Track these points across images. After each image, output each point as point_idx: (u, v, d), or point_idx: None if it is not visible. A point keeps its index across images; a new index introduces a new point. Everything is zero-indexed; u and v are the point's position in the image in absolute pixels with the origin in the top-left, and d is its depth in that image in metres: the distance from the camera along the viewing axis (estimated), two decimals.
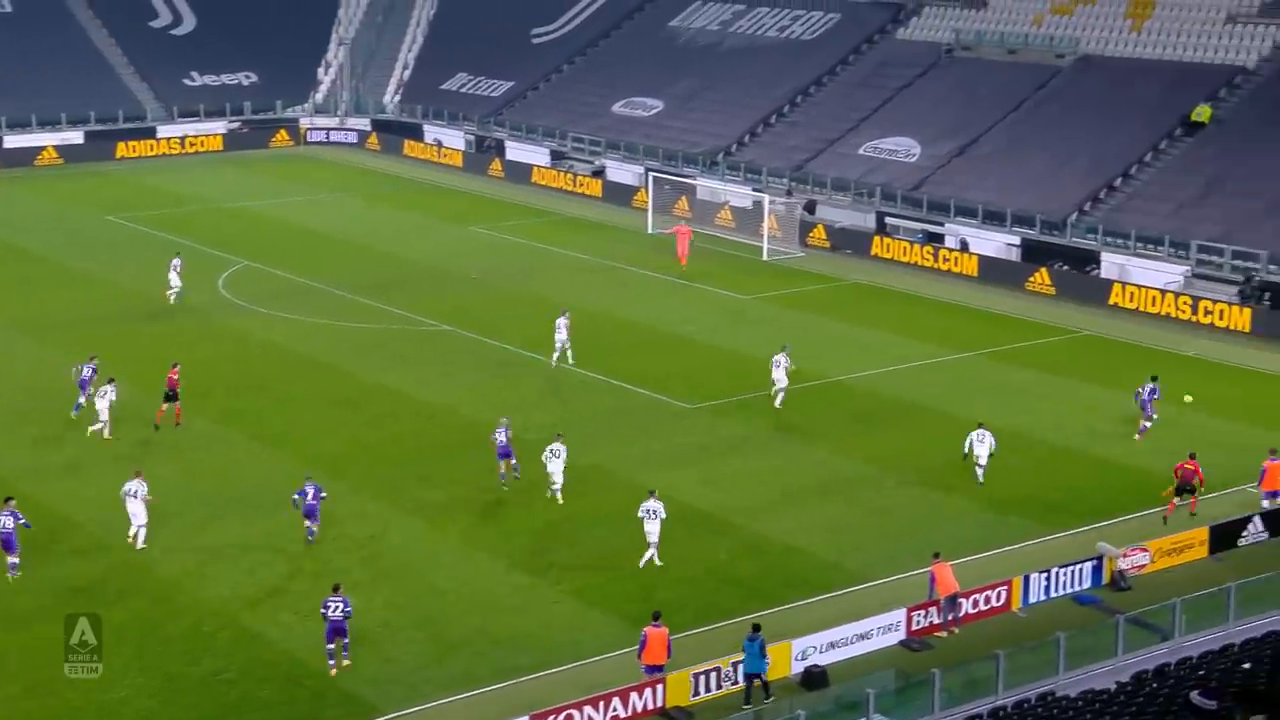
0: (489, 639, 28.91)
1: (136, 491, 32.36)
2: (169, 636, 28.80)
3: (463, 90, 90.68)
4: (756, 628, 27.16)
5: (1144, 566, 31.70)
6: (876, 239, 63.23)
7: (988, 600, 30.04)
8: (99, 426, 38.51)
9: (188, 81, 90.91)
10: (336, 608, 27.52)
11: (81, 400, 39.74)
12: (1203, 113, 63.45)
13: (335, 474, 36.45)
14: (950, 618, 29.42)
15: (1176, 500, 34.43)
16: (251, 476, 36.70)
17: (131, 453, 37.75)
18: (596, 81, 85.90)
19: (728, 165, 73.12)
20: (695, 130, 77.07)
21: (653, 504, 31.97)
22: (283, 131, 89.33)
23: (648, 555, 31.83)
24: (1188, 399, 42.36)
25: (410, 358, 46.91)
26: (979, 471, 36.95)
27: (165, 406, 39.68)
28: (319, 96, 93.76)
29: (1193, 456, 35.09)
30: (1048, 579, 30.65)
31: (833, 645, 28.10)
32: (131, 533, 32.50)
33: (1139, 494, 36.19)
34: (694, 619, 29.44)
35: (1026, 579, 30.45)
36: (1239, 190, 58.85)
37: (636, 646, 26.92)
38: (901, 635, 28.93)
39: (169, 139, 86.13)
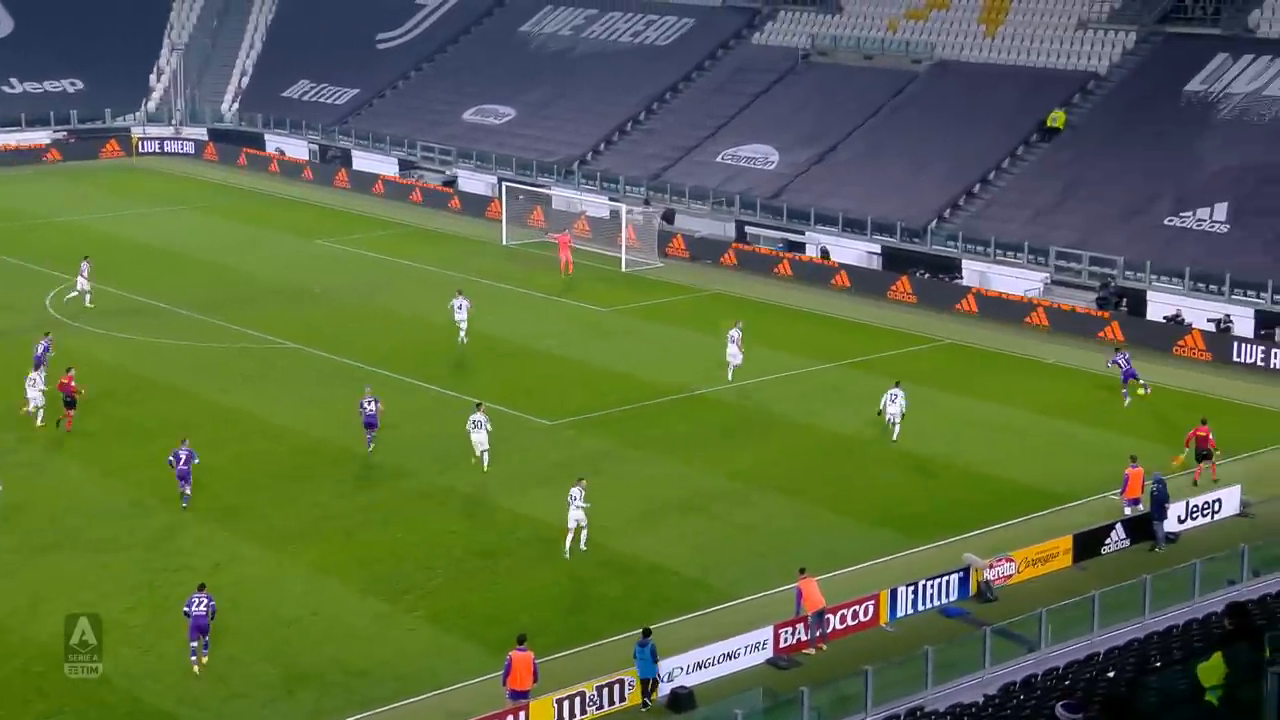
0: (343, 669, 28.58)
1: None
2: None
3: (305, 98, 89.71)
4: (647, 632, 27.48)
5: (1010, 577, 32.43)
6: (735, 247, 63.90)
7: (855, 615, 30.44)
8: None
9: (6, 89, 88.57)
10: (201, 603, 28.33)
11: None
12: (1058, 118, 65.32)
13: (176, 499, 35.73)
14: (818, 634, 29.76)
15: (1201, 467, 37.40)
16: (84, 505, 35.80)
17: None
18: (446, 89, 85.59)
19: (583, 174, 73.37)
20: (549, 138, 77.18)
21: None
22: (113, 141, 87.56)
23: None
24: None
25: (254, 377, 46.35)
26: (895, 430, 40.56)
27: (69, 413, 40.70)
28: (151, 105, 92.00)
29: (1204, 422, 38.03)
30: (915, 592, 31.14)
31: (699, 665, 28.26)
32: None
33: (1006, 504, 37.03)
34: (558, 642, 29.43)
35: (894, 593, 30.92)
36: (1094, 195, 60.67)
37: (500, 672, 26.83)
38: (769, 653, 29.17)
39: None
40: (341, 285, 58.36)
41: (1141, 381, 44.98)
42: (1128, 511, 35.51)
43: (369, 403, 39.83)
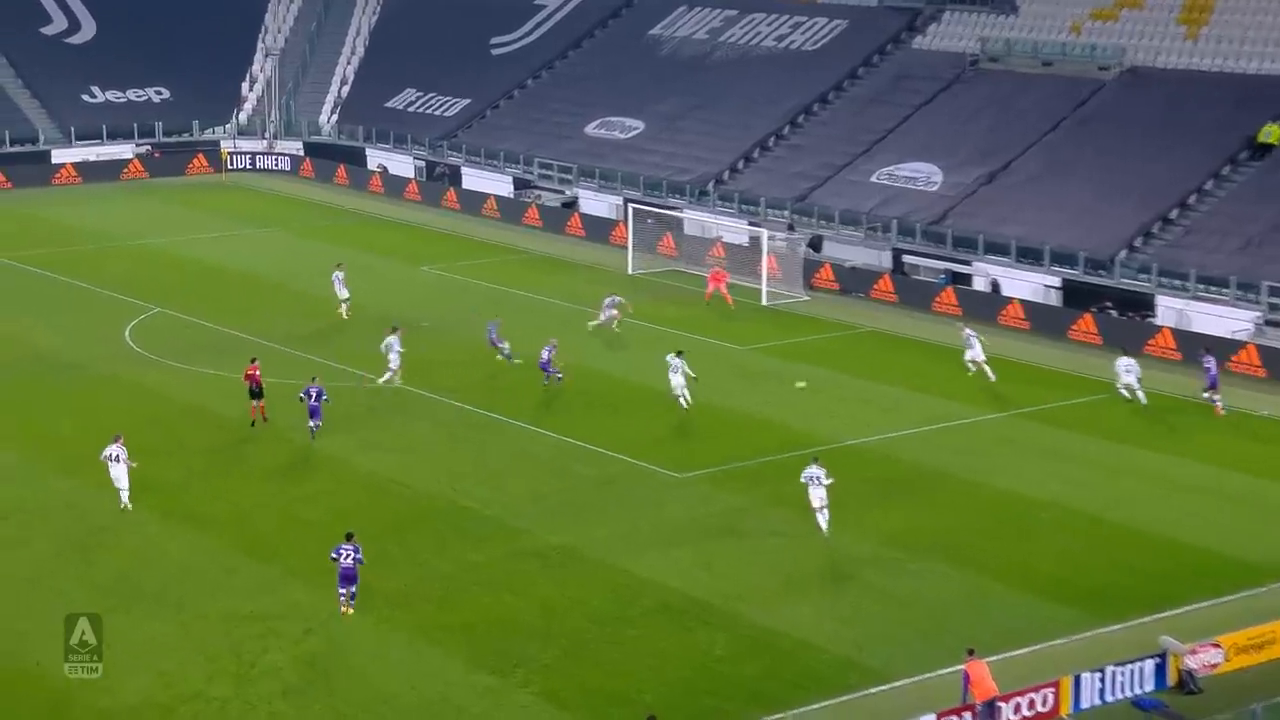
0: None
1: (118, 455, 38.68)
2: None
3: (411, 109, 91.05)
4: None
5: (1217, 665, 31.55)
6: (891, 279, 63.45)
7: (1032, 705, 29.82)
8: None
9: (87, 98, 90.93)
10: (348, 555, 32.84)
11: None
12: (1272, 133, 63.93)
13: (265, 558, 36.13)
14: None
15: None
16: (163, 561, 36.30)
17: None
18: (567, 99, 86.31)
19: (719, 195, 73.41)
20: (682, 155, 77.41)
21: (815, 470, 37.85)
22: (201, 156, 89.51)
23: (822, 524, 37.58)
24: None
25: (355, 420, 46.81)
26: (1129, 393, 46.30)
27: (253, 404, 45.00)
28: (243, 116, 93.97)
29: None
30: (1102, 679, 30.49)
31: None
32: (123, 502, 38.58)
33: (1209, 578, 36.10)
34: None
35: (1077, 679, 30.28)
36: None
37: None
38: None
39: (66, 164, 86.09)
40: (451, 318, 58.88)
41: None
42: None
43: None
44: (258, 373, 45.87)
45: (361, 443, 44.67)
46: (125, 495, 38.86)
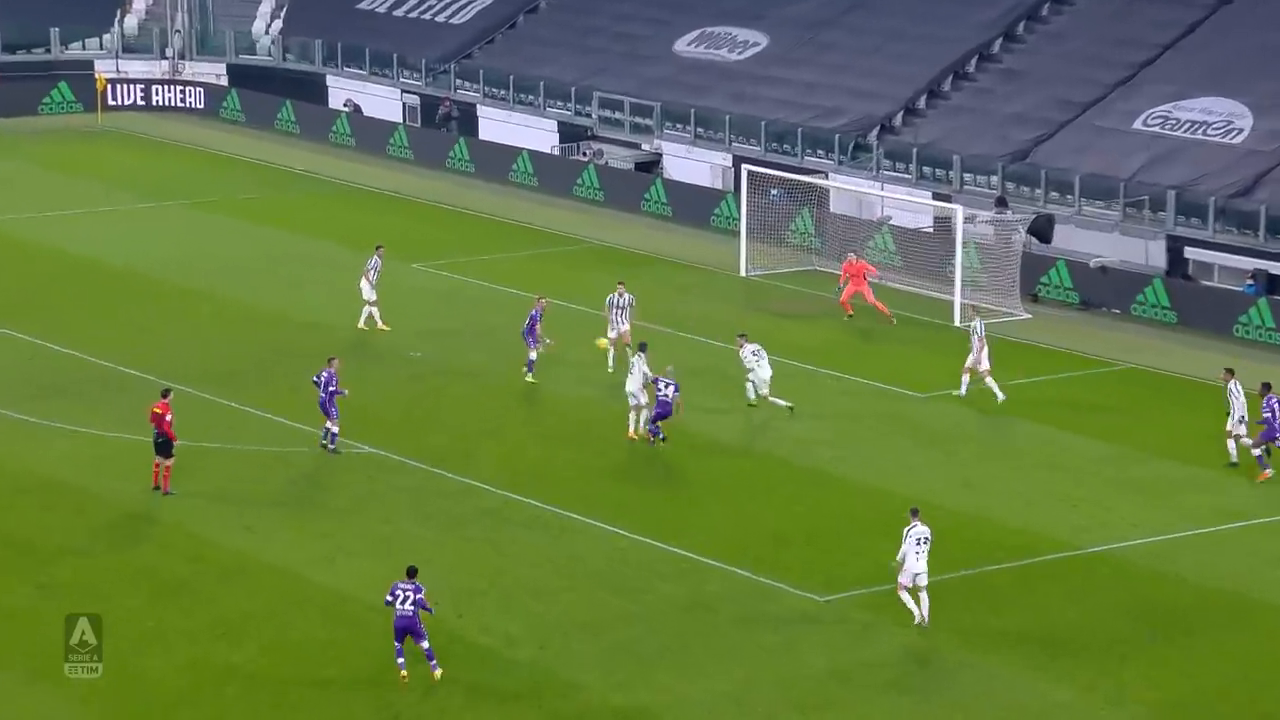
0: None
1: None
2: None
3: (398, 13, 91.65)
4: None
5: None
6: (1163, 286, 63.01)
7: None
8: None
9: None
10: (405, 596, 37.25)
11: None
12: None
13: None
14: None
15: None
16: None
17: None
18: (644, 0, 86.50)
19: (886, 153, 73.32)
20: (827, 87, 77.52)
21: (922, 529, 40.48)
22: (63, 85, 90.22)
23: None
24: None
25: (308, 505, 47.19)
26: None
27: (157, 461, 46.90)
28: (130, 23, 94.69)
29: None
30: None
31: None
32: None
33: None
34: None
35: None
36: None
37: None
38: None
39: None
40: (457, 346, 58.78)
41: None
42: None
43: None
44: (168, 414, 46.40)
45: (317, 543, 44.60)
46: None
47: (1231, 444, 49.63)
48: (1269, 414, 49.20)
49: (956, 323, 61.94)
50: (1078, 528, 46.33)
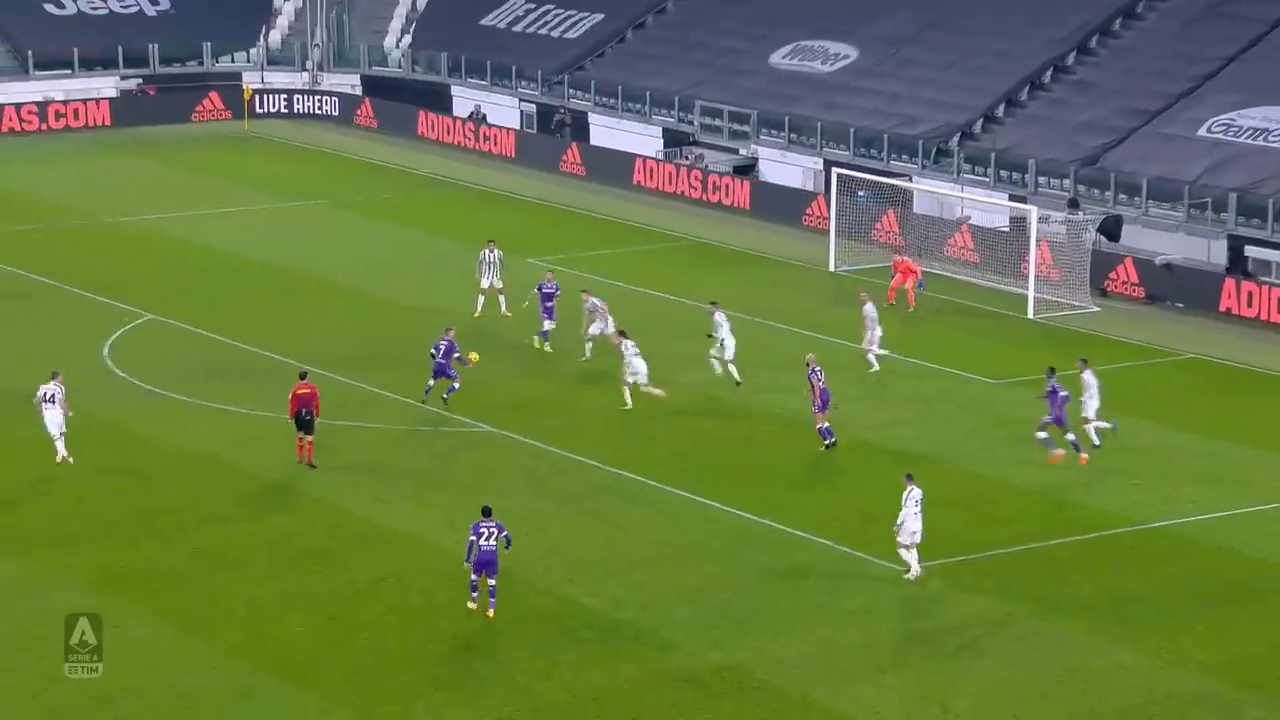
0: None
1: (53, 396, 46.01)
2: None
3: (517, 29, 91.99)
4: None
5: None
6: (1230, 284, 63.08)
7: None
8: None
9: (51, 8, 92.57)
10: (490, 534, 38.63)
11: None
12: None
13: (298, 679, 36.69)
14: None
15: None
16: (166, 675, 37.06)
17: None
18: (743, 15, 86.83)
19: (966, 157, 73.38)
20: (911, 98, 77.61)
21: (916, 491, 41.19)
22: (213, 96, 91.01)
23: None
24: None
25: (428, 479, 47.55)
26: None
27: (300, 437, 47.68)
28: (275, 37, 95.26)
29: None
30: None
31: None
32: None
33: None
34: None
35: None
36: None
37: None
38: None
39: (19, 105, 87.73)
40: (564, 330, 59.08)
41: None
42: None
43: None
44: (311, 392, 47.29)
45: (440, 513, 45.11)
46: (62, 445, 46.19)
47: (1091, 429, 49.52)
48: (1051, 397, 48.60)
49: (1030, 315, 62.11)
50: (1140, 504, 46.36)
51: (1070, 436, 48.35)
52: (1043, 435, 48.80)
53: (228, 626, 39.05)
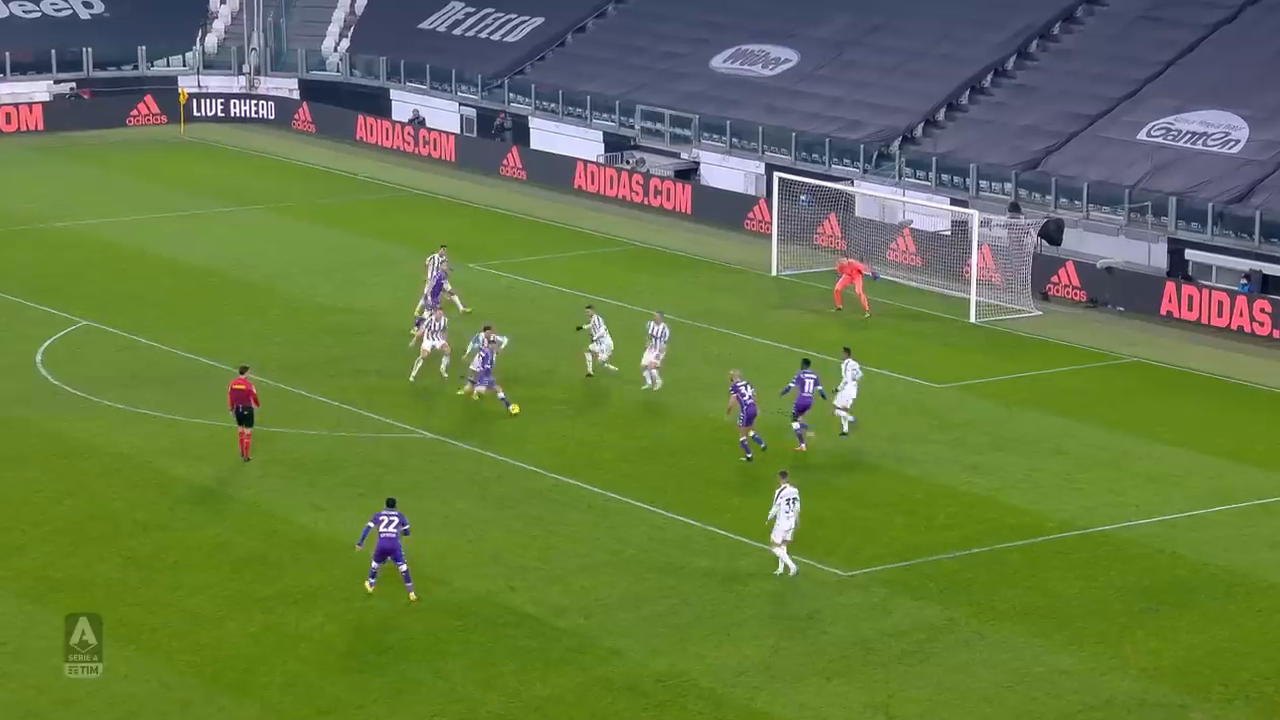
0: None
1: None
2: None
3: (457, 32, 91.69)
4: None
5: None
6: (1170, 287, 63.12)
7: None
8: None
9: None
10: (389, 522, 39.52)
11: None
12: None
13: (236, 690, 36.46)
14: None
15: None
16: (102, 685, 36.72)
17: None
18: (684, 18, 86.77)
19: (908, 161, 73.43)
20: (852, 102, 77.52)
21: (789, 490, 41.54)
22: (149, 99, 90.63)
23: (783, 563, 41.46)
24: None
25: (366, 482, 47.39)
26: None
27: (240, 431, 47.66)
28: (211, 41, 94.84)
29: None
30: None
31: None
32: None
33: None
34: None
35: None
36: None
37: None
38: None
39: None
40: (523, 337, 58.95)
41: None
42: None
43: None
44: (249, 387, 47.36)
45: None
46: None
47: (843, 415, 50.48)
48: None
49: (972, 319, 62.18)
50: (1083, 509, 46.44)
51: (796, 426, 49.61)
52: (797, 425, 49.71)
53: (165, 636, 38.62)
